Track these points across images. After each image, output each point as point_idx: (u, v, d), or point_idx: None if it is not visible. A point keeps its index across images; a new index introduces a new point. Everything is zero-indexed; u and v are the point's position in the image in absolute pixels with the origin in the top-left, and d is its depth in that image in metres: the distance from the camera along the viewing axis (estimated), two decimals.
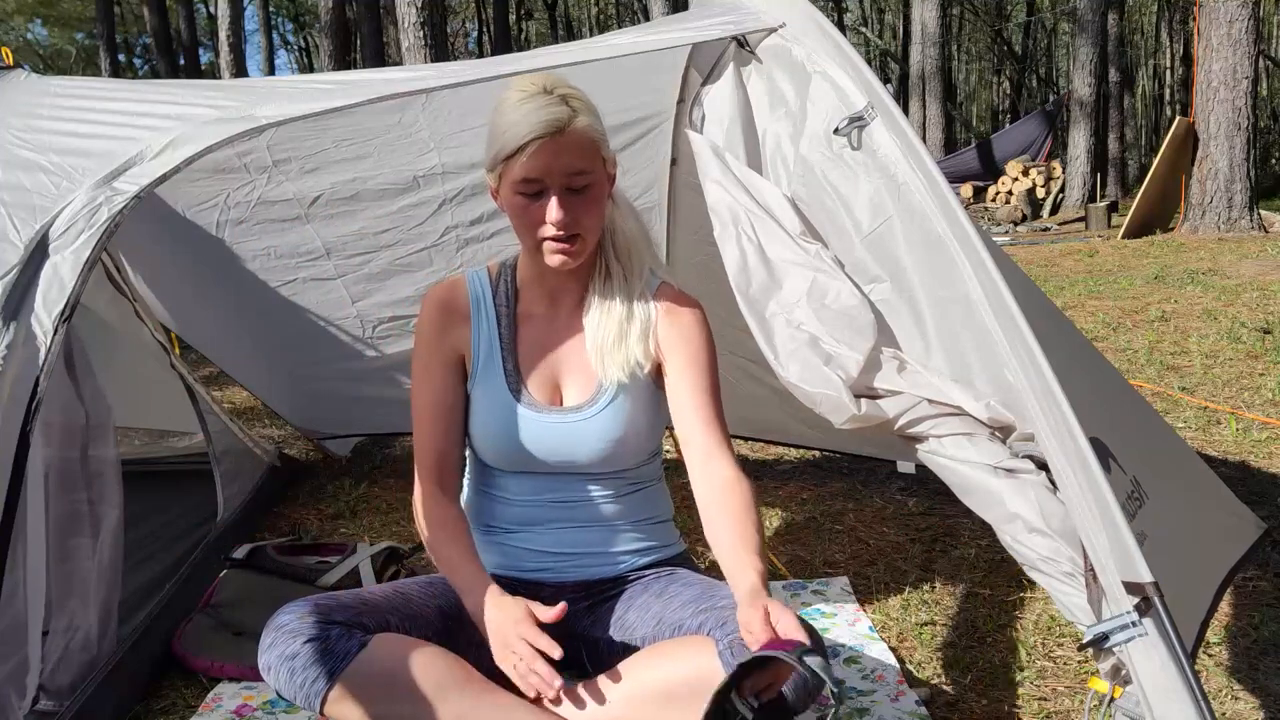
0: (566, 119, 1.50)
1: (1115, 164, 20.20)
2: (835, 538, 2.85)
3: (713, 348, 1.72)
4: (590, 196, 1.55)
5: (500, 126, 1.52)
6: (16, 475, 1.55)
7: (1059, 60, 35.44)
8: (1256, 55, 9.99)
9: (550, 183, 1.52)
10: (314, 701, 1.43)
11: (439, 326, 1.72)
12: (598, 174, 1.56)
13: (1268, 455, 3.38)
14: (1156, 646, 1.25)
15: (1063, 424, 1.35)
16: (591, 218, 1.57)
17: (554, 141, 1.49)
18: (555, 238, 1.55)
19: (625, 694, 1.46)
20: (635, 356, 1.64)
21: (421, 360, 1.72)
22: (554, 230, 1.54)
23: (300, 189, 2.77)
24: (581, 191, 1.54)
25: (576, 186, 1.53)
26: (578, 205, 1.54)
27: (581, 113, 1.53)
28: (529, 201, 1.54)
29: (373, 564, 2.45)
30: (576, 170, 1.52)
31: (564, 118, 1.49)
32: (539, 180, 1.51)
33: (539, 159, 1.49)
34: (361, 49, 16.62)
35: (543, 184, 1.52)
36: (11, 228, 1.67)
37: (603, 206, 1.61)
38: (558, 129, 1.49)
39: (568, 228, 1.54)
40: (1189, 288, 7.05)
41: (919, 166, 1.56)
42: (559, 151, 1.49)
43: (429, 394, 1.69)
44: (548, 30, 32.49)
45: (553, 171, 1.51)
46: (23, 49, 28.34)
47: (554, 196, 1.52)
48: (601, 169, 1.57)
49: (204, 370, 4.01)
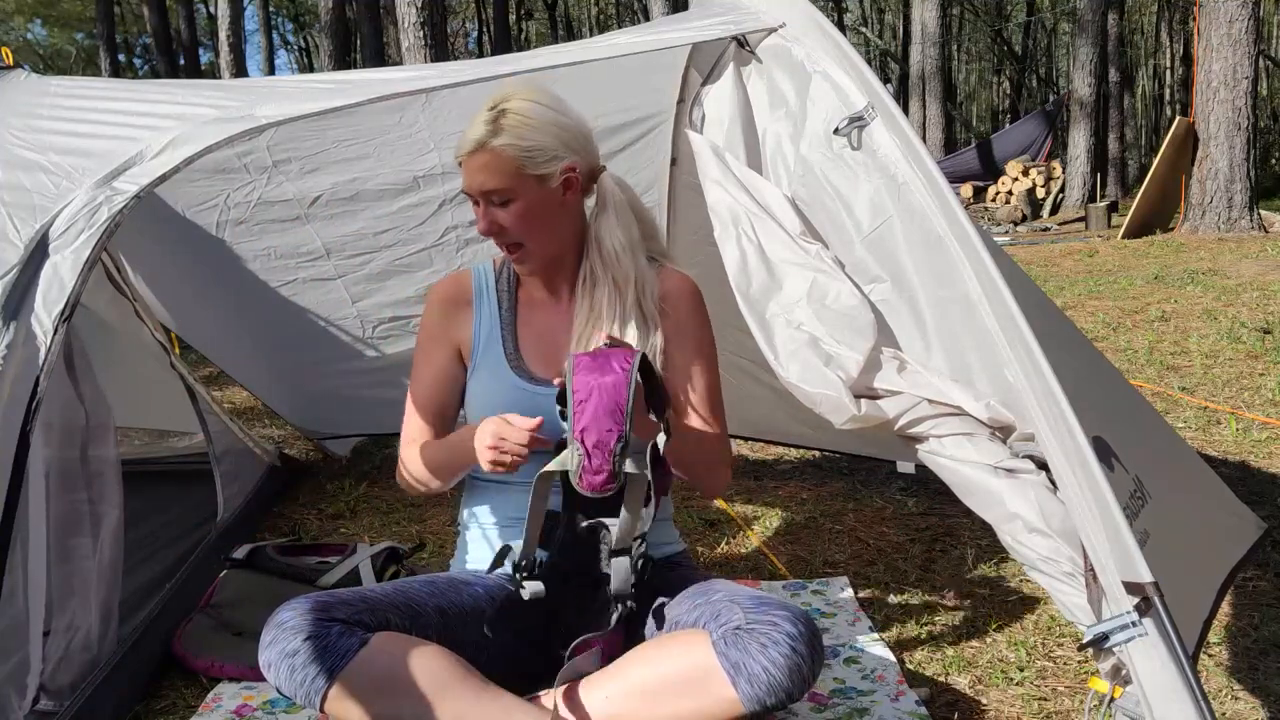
0: (484, 138, 1.63)
1: (1115, 164, 20.21)
2: (835, 538, 2.85)
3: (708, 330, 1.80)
4: (512, 211, 1.66)
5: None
6: (16, 475, 1.55)
7: (1059, 60, 35.44)
8: (1256, 55, 10.00)
9: (473, 194, 1.68)
10: (314, 699, 1.44)
11: (443, 316, 1.82)
12: (518, 189, 1.65)
13: (1268, 455, 3.38)
14: (1156, 646, 1.25)
15: (1062, 424, 1.35)
16: (523, 229, 1.68)
17: (473, 159, 1.65)
18: (497, 244, 1.71)
19: (623, 689, 1.48)
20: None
21: (423, 348, 1.83)
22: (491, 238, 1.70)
23: (300, 189, 2.77)
24: (504, 205, 1.66)
25: (495, 202, 1.66)
26: (503, 217, 1.67)
27: (505, 133, 1.62)
28: (474, 208, 1.71)
29: (373, 564, 2.45)
30: (489, 188, 1.65)
31: (482, 137, 1.63)
32: (468, 191, 1.68)
33: (466, 172, 1.67)
34: (361, 49, 16.63)
35: (473, 195, 1.68)
36: (11, 227, 1.67)
37: (539, 219, 1.69)
38: (477, 147, 1.64)
39: (496, 235, 1.69)
40: (1189, 288, 7.05)
41: (919, 166, 1.56)
42: (475, 169, 1.65)
43: (428, 374, 1.80)
44: (548, 30, 32.50)
45: (472, 185, 1.67)
46: (23, 49, 28.34)
47: (480, 205, 1.68)
48: (528, 185, 1.65)
49: (204, 370, 4.01)
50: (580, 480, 1.44)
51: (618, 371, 1.44)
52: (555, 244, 1.73)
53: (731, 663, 1.40)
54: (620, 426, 1.42)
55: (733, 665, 1.40)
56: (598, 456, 1.42)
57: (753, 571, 2.64)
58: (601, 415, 1.42)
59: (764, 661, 1.39)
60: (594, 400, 1.43)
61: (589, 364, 1.46)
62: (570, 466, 1.44)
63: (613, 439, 1.42)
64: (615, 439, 1.42)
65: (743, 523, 2.98)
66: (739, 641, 1.41)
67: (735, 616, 1.44)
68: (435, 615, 1.59)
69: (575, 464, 1.43)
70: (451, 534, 2.88)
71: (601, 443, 1.42)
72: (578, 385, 1.44)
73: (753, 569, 2.66)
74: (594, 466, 1.42)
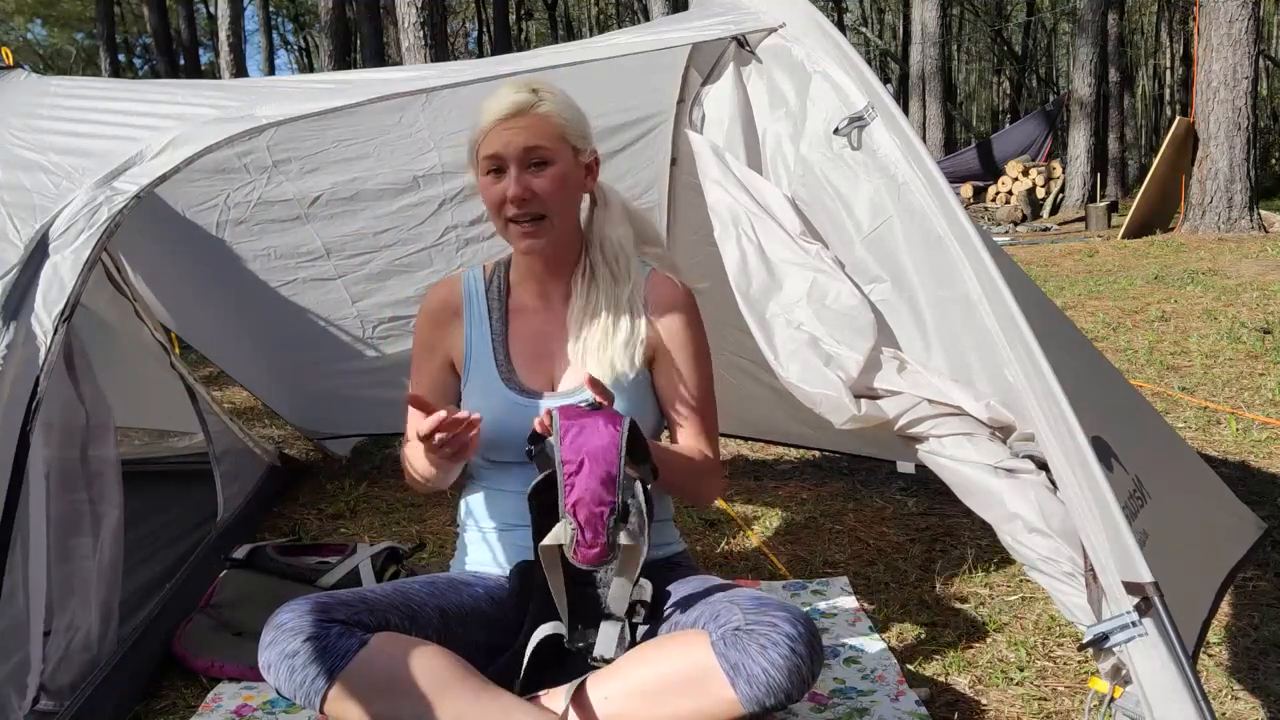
0: (529, 103, 1.63)
1: (1115, 164, 20.20)
2: (835, 538, 2.85)
3: (703, 341, 1.78)
4: (549, 175, 1.64)
5: (476, 116, 1.67)
6: (16, 475, 1.55)
7: (1059, 60, 35.44)
8: (1256, 55, 10.00)
9: (509, 157, 1.63)
10: (314, 700, 1.44)
11: (433, 327, 1.81)
12: (559, 154, 1.65)
13: (1268, 455, 3.38)
14: (1156, 646, 1.25)
15: (1062, 424, 1.35)
16: (553, 197, 1.65)
17: (514, 120, 1.63)
18: (517, 218, 1.65)
19: (623, 689, 1.48)
20: (619, 366, 1.68)
21: (417, 357, 1.82)
22: (513, 210, 1.64)
23: (300, 189, 2.77)
24: (540, 168, 1.64)
25: (534, 161, 1.63)
26: (536, 182, 1.63)
27: (548, 102, 1.64)
28: (493, 181, 1.65)
29: (373, 564, 2.45)
30: (532, 145, 1.62)
31: (526, 102, 1.63)
32: (499, 155, 1.63)
33: (500, 136, 1.62)
34: (361, 49, 16.63)
35: (503, 159, 1.63)
36: (11, 227, 1.68)
37: (569, 190, 1.68)
38: (519, 111, 1.63)
39: (526, 203, 1.63)
40: (1189, 288, 7.05)
41: (919, 166, 1.56)
42: (515, 130, 1.62)
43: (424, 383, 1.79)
44: (548, 30, 32.49)
45: (511, 146, 1.63)
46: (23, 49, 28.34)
47: (512, 170, 1.63)
48: (567, 153, 1.66)
49: (204, 370, 4.01)
50: (574, 554, 1.44)
51: (606, 438, 1.43)
52: (568, 225, 1.73)
53: (730, 663, 1.40)
54: (613, 498, 1.43)
55: (732, 666, 1.40)
56: (591, 530, 1.42)
57: (753, 571, 2.64)
58: (594, 486, 1.42)
59: (763, 663, 1.39)
60: (585, 472, 1.42)
61: (576, 428, 1.43)
62: (564, 541, 1.44)
63: (605, 511, 1.42)
64: (608, 511, 1.42)
65: (743, 523, 2.98)
66: (738, 642, 1.41)
67: (735, 617, 1.44)
68: (435, 615, 1.59)
69: (569, 538, 1.43)
70: (451, 534, 2.88)
71: (594, 516, 1.42)
72: (566, 453, 1.42)
73: (753, 569, 2.66)
74: (588, 541, 1.43)
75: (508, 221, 1.67)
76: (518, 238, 1.68)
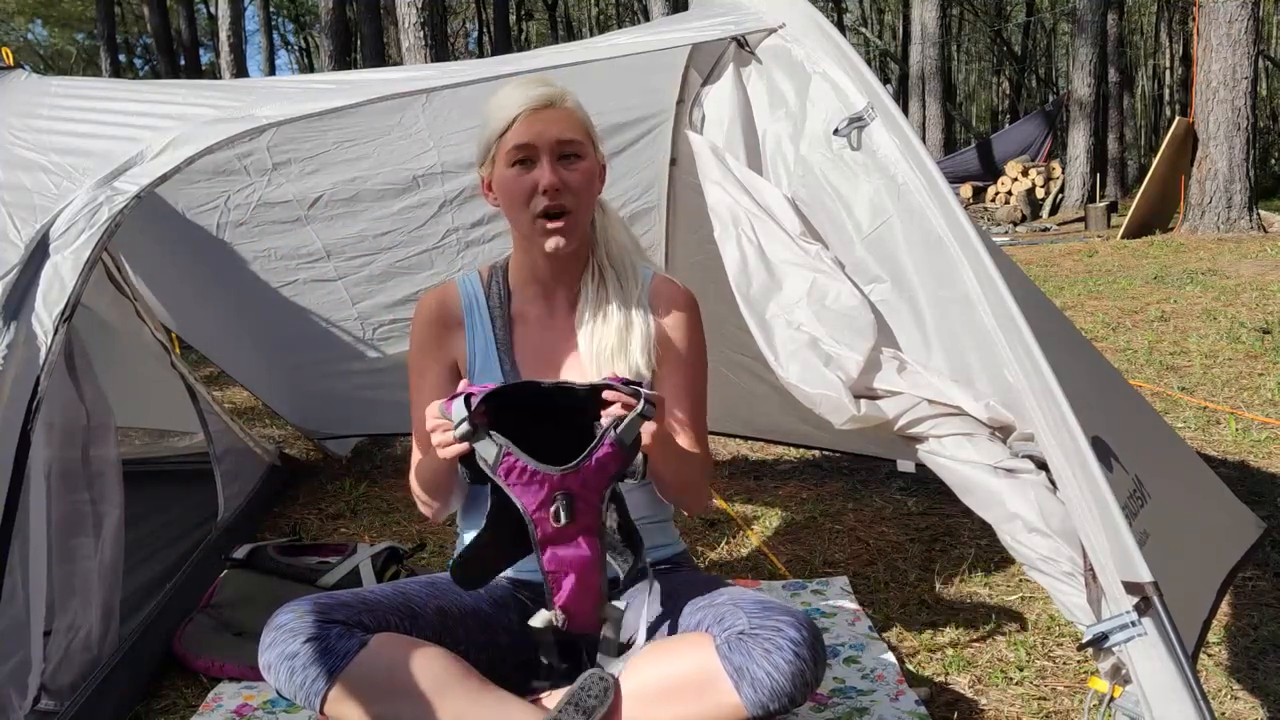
0: (556, 96, 1.60)
1: (1115, 164, 20.20)
2: (835, 538, 2.85)
3: (703, 343, 1.77)
4: (580, 169, 1.61)
5: (491, 110, 1.62)
6: (17, 475, 1.55)
7: (1059, 60, 35.43)
8: (1256, 55, 9.99)
9: (541, 147, 1.58)
10: (314, 700, 1.44)
11: (433, 337, 1.74)
12: (587, 151, 1.63)
13: (1267, 455, 3.39)
14: (1156, 646, 1.26)
15: (1062, 424, 1.35)
16: (582, 192, 1.62)
17: (544, 112, 1.58)
18: (547, 211, 1.59)
19: (626, 692, 1.47)
20: (638, 366, 1.66)
21: (417, 367, 1.74)
22: (545, 202, 1.58)
23: (300, 190, 2.77)
24: (571, 162, 1.60)
25: (566, 154, 1.60)
26: (567, 175, 1.59)
27: (570, 99, 1.62)
28: (521, 173, 1.60)
29: (373, 564, 2.45)
30: (566, 138, 1.59)
31: (553, 95, 1.59)
32: (530, 145, 1.58)
33: (530, 126, 1.58)
34: (361, 49, 16.62)
35: (534, 149, 1.58)
36: (12, 227, 1.68)
37: (593, 188, 1.66)
38: (547, 103, 1.59)
39: (560, 196, 1.58)
40: (1188, 288, 7.05)
41: (919, 167, 1.56)
42: (549, 121, 1.58)
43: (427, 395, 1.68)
44: (548, 30, 32.49)
45: (544, 136, 1.58)
46: (23, 49, 28.34)
47: (545, 159, 1.58)
48: (591, 151, 1.64)
49: (204, 370, 4.01)
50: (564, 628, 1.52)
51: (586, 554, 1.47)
52: (586, 227, 1.69)
53: (735, 667, 1.40)
54: (599, 596, 1.50)
55: (736, 669, 1.40)
56: (580, 619, 1.51)
57: (753, 571, 2.64)
58: (580, 595, 1.48)
59: (767, 667, 1.39)
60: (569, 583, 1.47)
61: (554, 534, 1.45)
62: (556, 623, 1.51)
63: (592, 606, 1.50)
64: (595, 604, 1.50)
65: (743, 522, 2.98)
66: (743, 646, 1.41)
67: (739, 621, 1.44)
68: (435, 616, 1.59)
69: (560, 621, 1.50)
70: (451, 534, 2.89)
71: (583, 613, 1.50)
72: (546, 559, 1.46)
73: (753, 569, 2.66)
74: (577, 624, 1.51)
75: (535, 217, 1.59)
76: (546, 235, 1.60)
